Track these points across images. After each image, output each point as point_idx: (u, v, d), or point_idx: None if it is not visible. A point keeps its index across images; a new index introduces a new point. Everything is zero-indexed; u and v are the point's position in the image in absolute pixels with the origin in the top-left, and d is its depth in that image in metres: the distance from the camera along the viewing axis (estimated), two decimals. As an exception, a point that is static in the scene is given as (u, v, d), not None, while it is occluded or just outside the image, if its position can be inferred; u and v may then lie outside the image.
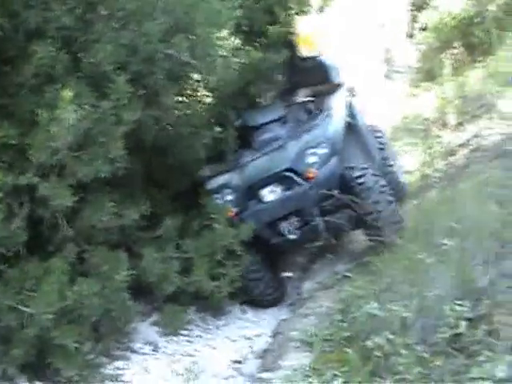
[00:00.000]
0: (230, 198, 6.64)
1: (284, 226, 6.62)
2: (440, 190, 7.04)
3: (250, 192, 6.65)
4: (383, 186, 6.64)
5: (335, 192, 6.52)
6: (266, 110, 7.18)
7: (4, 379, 5.00)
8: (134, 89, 5.27)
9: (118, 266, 5.42)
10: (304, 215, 6.60)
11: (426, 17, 15.93)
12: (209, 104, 7.24)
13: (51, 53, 4.98)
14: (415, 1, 17.15)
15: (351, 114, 7.31)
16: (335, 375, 4.40)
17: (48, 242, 5.40)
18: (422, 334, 4.26)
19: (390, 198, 6.64)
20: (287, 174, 6.53)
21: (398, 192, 7.51)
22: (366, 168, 6.71)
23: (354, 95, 7.70)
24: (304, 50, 7.11)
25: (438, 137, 9.43)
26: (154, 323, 6.25)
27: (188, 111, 6.64)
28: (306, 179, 6.47)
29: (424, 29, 15.95)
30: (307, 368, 4.75)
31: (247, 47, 7.30)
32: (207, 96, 7.32)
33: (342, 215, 6.63)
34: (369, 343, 4.28)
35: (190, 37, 5.74)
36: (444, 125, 10.14)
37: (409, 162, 9.36)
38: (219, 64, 6.12)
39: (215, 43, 6.06)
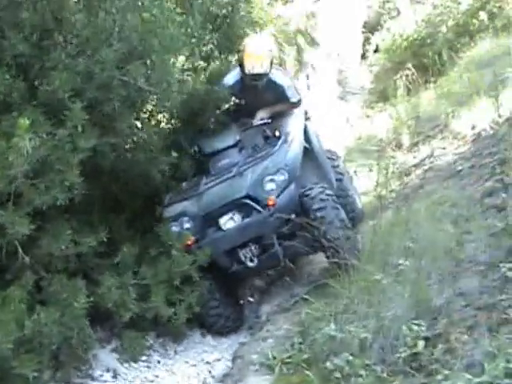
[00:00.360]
0: (188, 225, 6.53)
1: (243, 254, 6.49)
2: (395, 210, 7.09)
3: (208, 220, 6.54)
4: (330, 195, 6.55)
5: (292, 216, 6.42)
6: (221, 135, 7.01)
7: (-37, 411, 4.94)
8: (89, 116, 5.27)
9: (76, 294, 5.37)
10: (263, 242, 6.51)
11: (379, 38, 16.20)
12: (165, 130, 7.18)
13: (7, 81, 4.99)
14: (368, 23, 17.42)
15: (307, 138, 7.26)
16: (296, 398, 4.43)
17: (5, 271, 5.34)
18: (380, 354, 4.32)
19: (337, 206, 6.57)
20: (246, 201, 6.45)
21: (355, 215, 7.58)
22: (316, 183, 6.70)
23: (308, 119, 7.67)
24: (252, 67, 6.92)
25: (393, 157, 9.52)
26: (114, 350, 6.20)
27: (144, 137, 6.60)
28: (266, 206, 6.37)
29: (376, 50, 16.23)
30: (268, 391, 4.77)
31: (194, 75, 7.31)
32: (163, 122, 7.26)
33: (300, 239, 6.48)
34: (328, 365, 4.33)
35: (146, 63, 5.77)
36: (398, 145, 10.27)
37: (364, 183, 9.44)
38: (175, 90, 6.14)
39: (170, 69, 6.08)
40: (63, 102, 5.17)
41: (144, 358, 6.26)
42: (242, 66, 7.00)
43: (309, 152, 7.16)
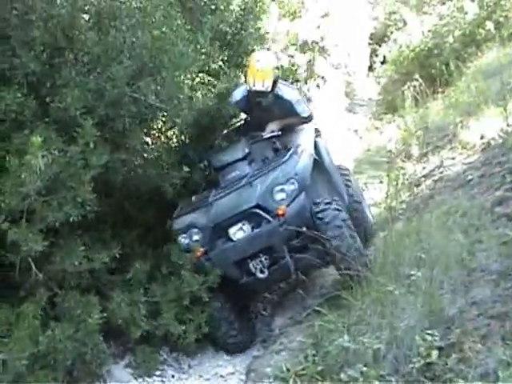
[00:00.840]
0: (197, 237, 6.44)
1: (253, 265, 6.38)
2: (406, 221, 7.10)
3: (217, 231, 6.41)
4: (345, 221, 6.42)
5: (304, 229, 6.33)
6: (230, 149, 6.97)
7: (-21, 428, 4.97)
8: (101, 132, 5.32)
9: (90, 310, 5.43)
10: (274, 253, 6.39)
11: (386, 50, 16.24)
12: (175, 145, 7.24)
13: (19, 99, 5.04)
14: (375, 34, 17.46)
15: (318, 154, 7.17)
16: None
17: (19, 287, 5.41)
18: (394, 364, 4.32)
19: (353, 234, 6.43)
20: (255, 210, 6.33)
21: (366, 228, 7.56)
22: (329, 203, 6.50)
23: (318, 135, 7.61)
24: (254, 85, 6.80)
25: (402, 168, 9.51)
26: (128, 365, 6.22)
27: (155, 153, 6.65)
28: (276, 216, 6.27)
29: (384, 62, 16.26)
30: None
31: (204, 91, 7.36)
32: (173, 138, 7.34)
33: (312, 252, 6.41)
34: (342, 376, 4.32)
35: (157, 80, 5.81)
36: (407, 156, 10.26)
37: (374, 195, 9.45)
38: (185, 106, 6.19)
39: (180, 86, 6.15)
40: (75, 119, 5.23)
41: (158, 372, 6.29)
42: (246, 81, 6.95)
43: (320, 166, 7.13)
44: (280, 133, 6.98)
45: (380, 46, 16.84)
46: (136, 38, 5.68)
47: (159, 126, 7.03)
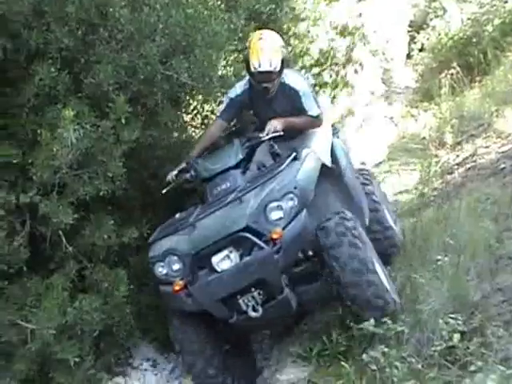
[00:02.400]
0: (177, 266, 5.18)
1: (244, 302, 5.02)
2: (436, 207, 7.09)
3: (200, 259, 5.13)
4: (355, 246, 4.95)
5: (310, 253, 5.31)
6: (221, 155, 5.67)
7: (6, 394, 5.09)
8: (133, 108, 5.37)
9: (117, 283, 5.51)
10: (269, 286, 5.02)
11: (425, 37, 16.09)
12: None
13: (52, 73, 5.11)
14: (414, 21, 17.30)
15: (333, 158, 6.00)
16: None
17: (49, 260, 5.51)
18: (416, 347, 4.34)
19: (365, 260, 4.94)
20: (244, 234, 5.02)
21: (388, 245, 6.16)
22: (340, 222, 5.06)
23: (336, 133, 6.40)
24: (259, 64, 5.60)
25: (436, 156, 9.49)
26: (154, 339, 6.31)
27: (190, 132, 6.66)
28: (270, 241, 4.95)
29: (422, 49, 16.11)
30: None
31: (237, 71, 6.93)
32: (208, 117, 7.13)
33: (322, 281, 5.21)
34: (364, 356, 4.34)
35: (189, 58, 5.82)
36: (442, 144, 10.20)
37: (406, 182, 9.43)
38: (217, 85, 6.16)
39: (213, 65, 6.08)
40: (107, 94, 5.30)
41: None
42: (248, 65, 5.73)
43: (334, 174, 5.91)
44: (282, 133, 5.65)
45: (419, 33, 16.67)
46: (170, 16, 5.70)
47: (194, 105, 6.97)
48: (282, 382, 4.96)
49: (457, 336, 4.13)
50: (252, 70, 5.66)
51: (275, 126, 5.62)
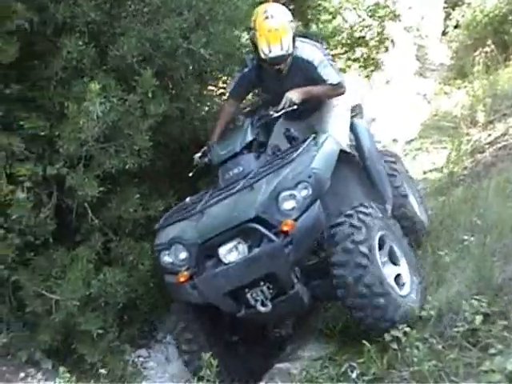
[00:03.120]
0: (183, 255, 4.85)
1: (252, 296, 4.68)
2: (466, 187, 7.04)
3: (207, 248, 4.79)
4: (362, 266, 4.44)
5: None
6: (233, 137, 5.30)
7: (30, 364, 5.15)
8: (160, 82, 5.36)
9: (142, 257, 5.55)
10: (279, 281, 4.66)
11: (459, 14, 15.91)
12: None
13: (79, 47, 5.11)
14: (450, -2, 17.13)
15: (356, 141, 5.75)
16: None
17: (75, 232, 5.55)
18: (439, 328, 4.31)
19: (371, 284, 4.42)
20: (254, 225, 4.63)
21: (412, 231, 5.73)
22: (351, 233, 4.54)
23: (358, 114, 6.00)
24: (269, 50, 5.17)
25: (467, 135, 9.42)
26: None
27: (215, 106, 6.64)
28: (280, 233, 4.56)
29: (457, 26, 15.94)
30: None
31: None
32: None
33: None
34: (386, 335, 4.33)
35: (209, 32, 5.75)
36: (474, 123, 10.12)
37: (437, 160, 9.37)
38: (233, 60, 6.08)
39: (231, 40, 5.99)
40: (132, 66, 5.28)
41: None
42: (256, 48, 5.30)
43: (354, 159, 5.61)
44: (296, 107, 5.26)
45: (454, 9, 16.49)
46: (195, -11, 5.66)
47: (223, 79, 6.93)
48: (304, 358, 4.95)
49: (479, 318, 4.09)
50: (262, 55, 5.25)
51: (291, 98, 5.23)
